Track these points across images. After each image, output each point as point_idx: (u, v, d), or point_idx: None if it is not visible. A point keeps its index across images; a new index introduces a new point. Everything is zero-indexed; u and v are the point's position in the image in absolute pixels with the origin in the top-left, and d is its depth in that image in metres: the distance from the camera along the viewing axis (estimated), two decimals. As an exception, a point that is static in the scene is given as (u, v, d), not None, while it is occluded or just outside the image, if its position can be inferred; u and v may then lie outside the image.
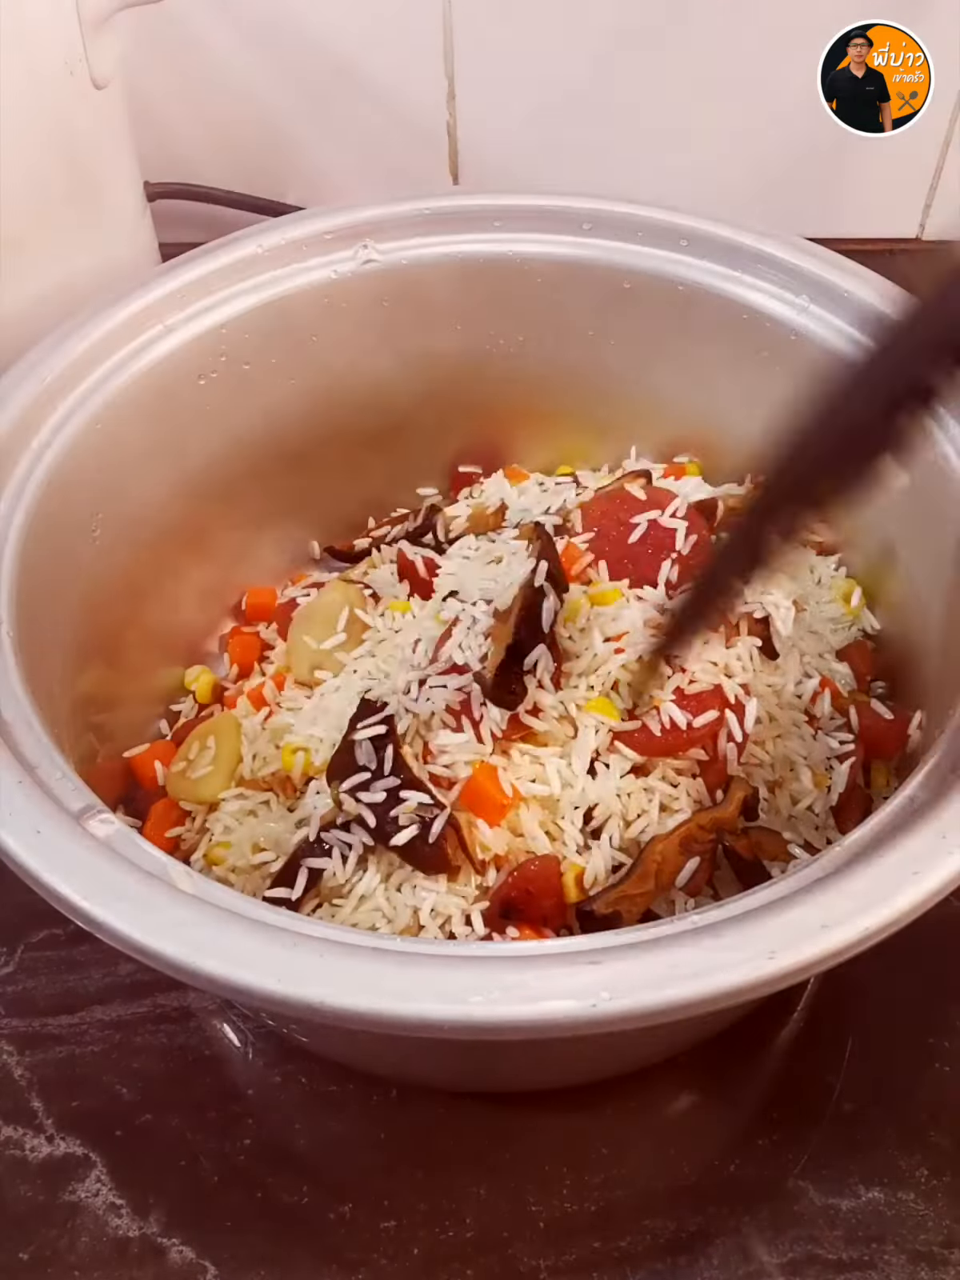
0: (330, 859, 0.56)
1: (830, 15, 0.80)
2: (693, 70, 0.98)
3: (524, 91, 1.00)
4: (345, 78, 0.99)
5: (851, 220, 1.07)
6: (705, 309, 0.72)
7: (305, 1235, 0.56)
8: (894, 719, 0.63)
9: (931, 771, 0.48)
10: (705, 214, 0.71)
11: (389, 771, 0.56)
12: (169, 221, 0.95)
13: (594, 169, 1.03)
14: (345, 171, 1.05)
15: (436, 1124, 0.59)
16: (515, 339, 0.78)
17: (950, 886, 0.42)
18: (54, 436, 0.62)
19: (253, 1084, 0.61)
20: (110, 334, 0.66)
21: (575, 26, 0.96)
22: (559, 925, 0.56)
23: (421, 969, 0.41)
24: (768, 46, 0.96)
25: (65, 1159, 0.58)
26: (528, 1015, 0.39)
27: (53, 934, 0.65)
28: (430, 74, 0.99)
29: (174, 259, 0.70)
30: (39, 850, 0.44)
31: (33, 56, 0.72)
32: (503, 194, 0.74)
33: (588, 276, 0.74)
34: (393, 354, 0.78)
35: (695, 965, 0.40)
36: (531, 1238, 0.55)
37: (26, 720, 0.50)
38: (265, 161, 1.04)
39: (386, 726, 0.58)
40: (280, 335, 0.73)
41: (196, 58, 0.98)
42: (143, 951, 0.42)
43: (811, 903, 0.42)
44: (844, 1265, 0.54)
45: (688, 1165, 0.57)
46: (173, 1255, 0.55)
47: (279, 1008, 0.41)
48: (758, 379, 0.72)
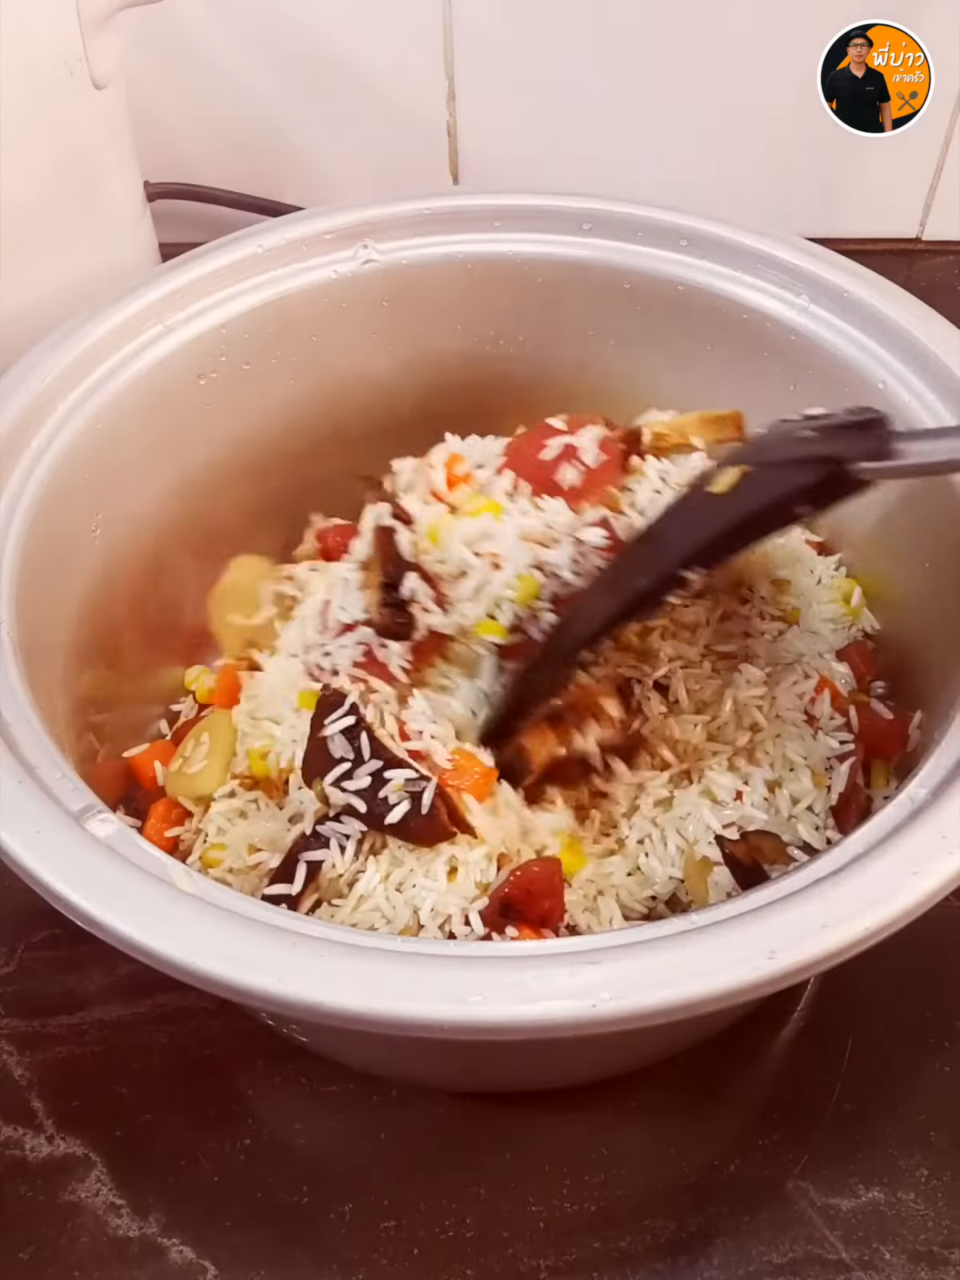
0: (328, 850, 0.56)
1: (830, 15, 0.80)
2: (693, 70, 0.98)
3: (524, 91, 1.00)
4: (345, 78, 0.99)
5: (851, 220, 1.07)
6: (705, 309, 0.72)
7: (305, 1235, 0.56)
8: (894, 719, 0.63)
9: (931, 771, 0.48)
10: (705, 214, 0.71)
11: (369, 756, 0.57)
12: (169, 221, 0.95)
13: (594, 169, 1.03)
14: (345, 171, 1.05)
15: (436, 1124, 0.59)
16: (515, 339, 0.78)
17: (950, 886, 0.43)
18: (54, 436, 0.62)
19: (253, 1084, 0.61)
20: (110, 334, 0.66)
21: (575, 26, 0.96)
22: (559, 925, 0.56)
23: (421, 969, 0.41)
24: (768, 46, 0.96)
25: (65, 1159, 0.58)
26: (528, 1015, 0.39)
27: (53, 934, 0.65)
28: (430, 74, 0.99)
29: (174, 259, 0.70)
30: (39, 850, 0.44)
31: (33, 56, 0.72)
32: (503, 194, 0.74)
33: (588, 276, 0.74)
34: (393, 354, 0.78)
35: (695, 965, 0.40)
36: (531, 1238, 0.55)
37: (26, 720, 0.50)
38: (265, 161, 1.04)
39: (355, 717, 0.58)
40: (280, 335, 0.73)
41: (196, 58, 0.98)
42: (143, 951, 0.42)
43: (811, 903, 0.42)
44: (844, 1265, 0.54)
45: (688, 1165, 0.57)
46: (173, 1255, 0.55)
47: (279, 1008, 0.41)
48: (758, 379, 0.72)
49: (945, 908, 0.43)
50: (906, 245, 1.10)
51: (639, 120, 1.02)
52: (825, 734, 0.62)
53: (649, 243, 0.72)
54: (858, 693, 0.66)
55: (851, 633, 0.70)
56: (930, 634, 0.63)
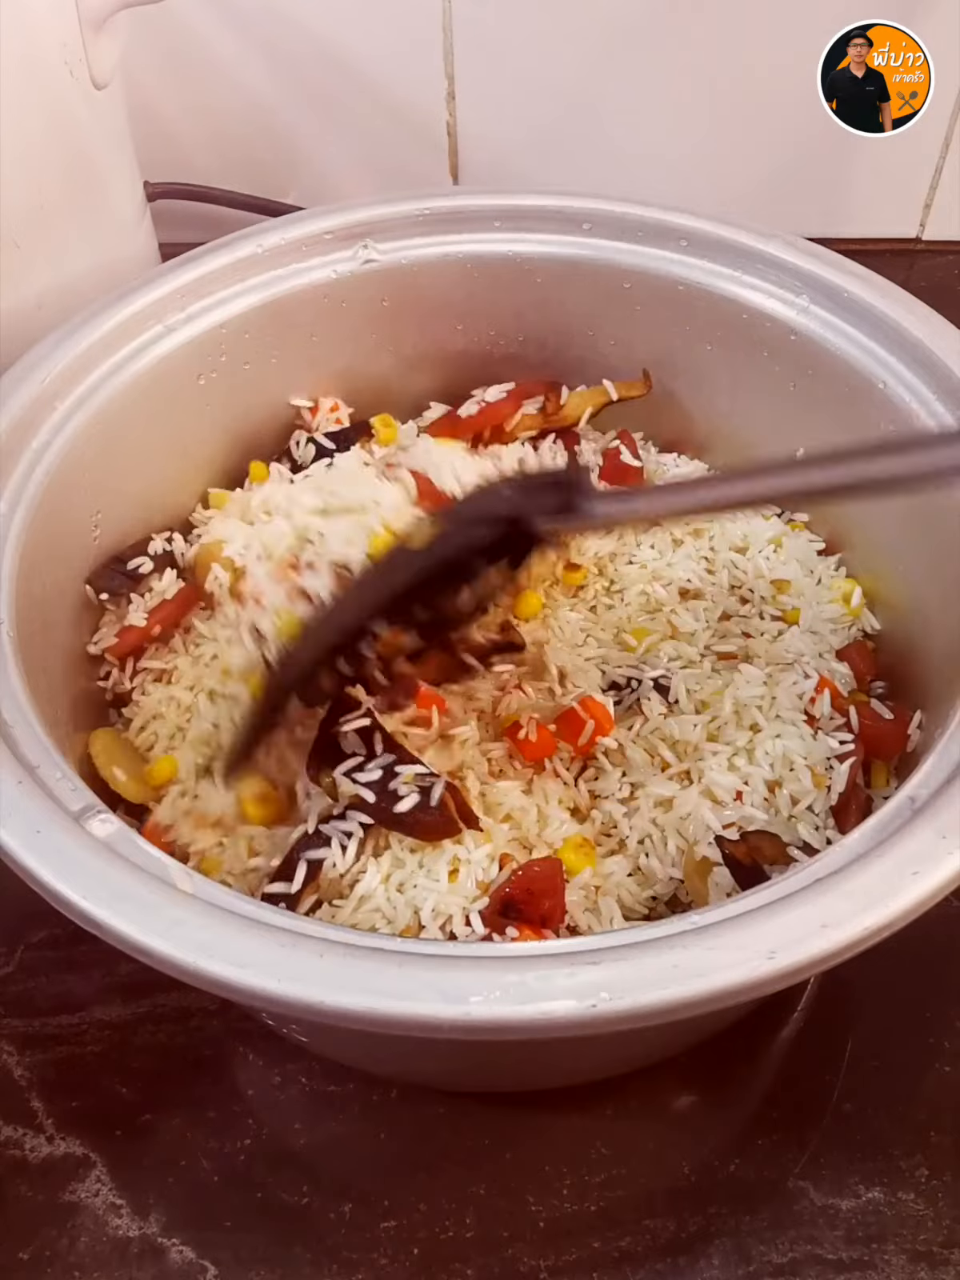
0: (329, 849, 0.56)
1: (830, 15, 0.80)
2: (693, 70, 0.98)
3: (524, 91, 1.00)
4: (345, 78, 0.99)
5: (851, 220, 1.07)
6: (705, 309, 0.72)
7: (305, 1235, 0.56)
8: (894, 719, 0.63)
9: (931, 771, 0.48)
10: (705, 214, 0.71)
11: (381, 752, 0.57)
12: (169, 221, 0.95)
13: (594, 169, 1.03)
14: (345, 171, 1.05)
15: (436, 1124, 0.59)
16: (515, 339, 0.78)
17: (950, 886, 0.43)
18: (54, 436, 0.62)
19: (253, 1084, 0.61)
20: (110, 334, 0.66)
21: (575, 27, 0.96)
22: (559, 925, 0.56)
23: (421, 969, 0.41)
24: (768, 46, 0.96)
25: (65, 1159, 0.58)
26: (528, 1015, 0.39)
27: (53, 934, 0.65)
28: (430, 74, 0.99)
29: (174, 259, 0.70)
30: (39, 850, 0.44)
31: (33, 57, 0.72)
32: (503, 194, 0.74)
33: (588, 276, 0.74)
34: (393, 354, 0.78)
35: (695, 965, 0.40)
36: (531, 1238, 0.55)
37: (26, 720, 0.50)
38: (265, 161, 1.04)
39: (370, 719, 0.58)
40: (280, 335, 0.73)
41: (196, 58, 0.98)
42: (143, 951, 0.42)
43: (811, 903, 0.42)
44: (844, 1265, 0.54)
45: (688, 1165, 0.57)
46: (173, 1255, 0.55)
47: (279, 1008, 0.41)
48: (758, 379, 0.72)
49: (945, 908, 0.43)
50: (906, 245, 1.10)
51: (639, 120, 1.02)
52: (825, 734, 0.62)
53: (649, 243, 0.72)
54: (858, 693, 0.66)
55: (851, 633, 0.70)
56: (930, 634, 0.63)
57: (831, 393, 0.68)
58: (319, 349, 0.75)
